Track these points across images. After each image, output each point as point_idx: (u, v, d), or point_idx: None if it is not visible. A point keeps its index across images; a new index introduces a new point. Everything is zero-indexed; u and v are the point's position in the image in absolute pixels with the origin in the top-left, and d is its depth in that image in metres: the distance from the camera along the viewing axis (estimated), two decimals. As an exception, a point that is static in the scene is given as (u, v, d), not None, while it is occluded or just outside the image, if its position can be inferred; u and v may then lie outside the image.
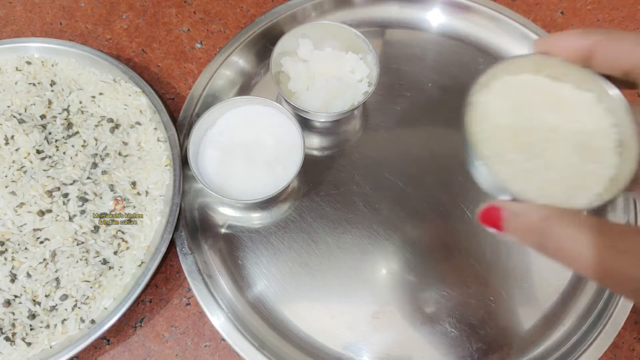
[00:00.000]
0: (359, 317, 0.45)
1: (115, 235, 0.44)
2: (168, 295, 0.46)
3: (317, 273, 0.46)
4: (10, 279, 0.41)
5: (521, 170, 0.29)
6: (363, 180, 0.49)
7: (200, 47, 0.57)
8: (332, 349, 0.44)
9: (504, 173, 0.29)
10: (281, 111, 0.48)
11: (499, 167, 0.29)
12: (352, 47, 0.51)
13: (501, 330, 0.45)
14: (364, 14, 0.57)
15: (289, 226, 0.48)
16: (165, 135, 0.48)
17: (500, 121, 0.30)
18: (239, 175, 0.46)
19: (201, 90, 0.52)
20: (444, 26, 0.57)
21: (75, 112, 0.49)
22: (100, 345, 0.44)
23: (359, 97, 0.49)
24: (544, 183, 0.29)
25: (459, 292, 0.45)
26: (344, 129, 0.52)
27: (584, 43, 0.27)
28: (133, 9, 0.59)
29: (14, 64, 0.50)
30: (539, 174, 0.29)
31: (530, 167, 0.29)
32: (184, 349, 0.44)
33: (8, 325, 0.41)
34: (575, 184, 0.29)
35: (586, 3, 0.60)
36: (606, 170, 0.29)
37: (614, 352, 0.45)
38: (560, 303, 0.46)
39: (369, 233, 0.47)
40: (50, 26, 0.58)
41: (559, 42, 0.28)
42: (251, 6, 0.59)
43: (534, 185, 0.28)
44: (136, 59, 0.56)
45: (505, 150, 0.29)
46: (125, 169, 0.46)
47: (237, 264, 0.47)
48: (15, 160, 0.44)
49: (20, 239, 0.42)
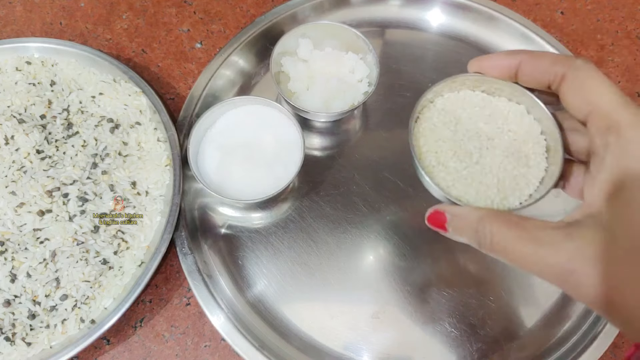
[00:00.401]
0: (359, 317, 0.45)
1: (115, 235, 0.44)
2: (168, 295, 0.46)
3: (317, 273, 0.46)
4: (10, 279, 0.41)
5: (461, 177, 0.33)
6: (363, 180, 0.49)
7: (200, 47, 0.57)
8: (332, 349, 0.44)
9: (446, 180, 0.33)
10: (281, 111, 0.48)
11: (442, 175, 0.33)
12: (352, 47, 0.51)
13: (501, 330, 0.45)
14: (364, 14, 0.57)
15: (289, 226, 0.48)
16: (165, 135, 0.48)
17: (443, 134, 0.34)
18: (239, 175, 0.46)
19: (201, 90, 0.52)
20: (444, 26, 0.57)
21: (75, 112, 0.49)
22: (100, 345, 0.44)
23: (359, 97, 0.49)
24: (481, 187, 0.33)
25: (459, 292, 0.45)
26: (344, 129, 0.52)
27: (510, 62, 0.31)
28: (133, 9, 0.59)
29: (14, 64, 0.50)
30: (477, 179, 0.33)
31: (469, 174, 0.33)
32: (184, 349, 0.44)
33: (8, 325, 0.41)
34: (509, 187, 0.33)
35: (586, 3, 0.60)
36: (537, 172, 0.33)
37: (614, 352, 0.45)
38: (560, 303, 0.46)
39: (369, 233, 0.47)
40: (50, 26, 0.58)
41: (489, 62, 0.32)
42: (251, 6, 0.59)
43: (472, 189, 0.33)
44: (136, 59, 0.56)
45: (447, 160, 0.34)
46: (125, 169, 0.46)
47: (237, 264, 0.47)
48: (15, 160, 0.44)
49: (20, 239, 0.42)
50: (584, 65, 0.28)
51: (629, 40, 0.58)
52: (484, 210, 0.30)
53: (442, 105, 0.35)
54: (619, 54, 0.57)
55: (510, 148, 0.34)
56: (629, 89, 0.55)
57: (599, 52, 0.57)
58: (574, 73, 0.29)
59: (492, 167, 0.33)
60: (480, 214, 0.29)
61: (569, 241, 0.26)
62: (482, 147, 0.34)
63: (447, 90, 0.36)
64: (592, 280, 0.25)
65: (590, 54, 0.57)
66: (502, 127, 0.34)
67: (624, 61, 0.57)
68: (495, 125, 0.34)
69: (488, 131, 0.34)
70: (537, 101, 0.33)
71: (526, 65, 0.31)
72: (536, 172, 0.33)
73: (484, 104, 0.35)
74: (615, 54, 0.57)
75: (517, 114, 0.34)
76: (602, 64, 0.57)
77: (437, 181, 0.33)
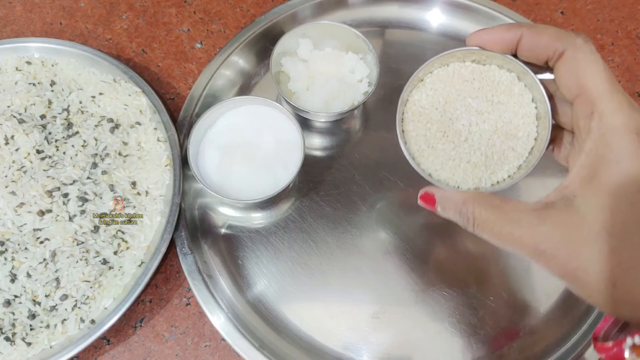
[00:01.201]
0: (359, 317, 0.45)
1: (115, 235, 0.44)
2: (168, 295, 0.46)
3: (317, 273, 0.46)
4: (10, 279, 0.41)
5: (449, 158, 0.34)
6: (363, 180, 0.49)
7: (200, 47, 0.57)
8: (332, 349, 0.44)
9: (434, 164, 0.34)
10: (281, 111, 0.48)
11: (431, 159, 0.34)
12: (352, 47, 0.51)
13: (501, 330, 0.45)
14: (364, 14, 0.57)
15: (289, 226, 0.48)
16: (165, 135, 0.48)
17: (431, 116, 0.35)
18: (239, 175, 0.46)
19: (201, 90, 0.52)
20: (444, 26, 0.57)
21: (75, 112, 0.49)
22: (100, 345, 0.44)
23: (359, 97, 0.49)
24: (468, 167, 0.34)
25: (459, 292, 0.45)
26: (344, 129, 0.52)
27: (511, 36, 0.32)
28: (133, 9, 0.59)
29: (14, 64, 0.50)
30: (464, 159, 0.34)
31: (457, 154, 0.34)
32: (184, 349, 0.44)
33: (8, 325, 0.41)
34: (498, 161, 0.33)
35: (586, 3, 0.60)
36: (525, 143, 0.34)
37: (614, 352, 0.45)
38: (560, 303, 0.46)
39: (369, 233, 0.47)
40: (50, 26, 0.58)
41: (490, 35, 0.33)
42: (251, 6, 0.59)
43: (460, 170, 0.34)
44: (136, 59, 0.56)
45: (436, 142, 0.34)
46: (125, 169, 0.46)
47: (237, 264, 0.47)
48: (15, 160, 0.44)
49: (20, 239, 0.42)
50: (583, 45, 0.30)
51: (629, 40, 0.58)
52: (468, 194, 0.32)
53: (432, 83, 0.36)
54: (619, 54, 0.57)
55: (499, 121, 0.34)
56: (629, 89, 0.55)
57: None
58: (572, 53, 0.29)
59: (480, 144, 0.34)
60: (464, 197, 0.31)
61: (542, 224, 0.28)
62: (471, 123, 0.34)
63: (437, 66, 0.36)
64: (560, 259, 0.28)
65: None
66: (492, 99, 0.35)
67: (624, 61, 0.57)
68: (485, 98, 0.35)
69: (477, 106, 0.35)
70: (527, 69, 0.33)
71: (527, 40, 0.31)
72: (525, 142, 0.34)
73: (474, 77, 0.35)
74: (615, 54, 0.57)
75: (507, 82, 0.34)
76: (602, 64, 0.57)
77: (426, 166, 0.35)
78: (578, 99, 0.29)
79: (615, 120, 0.28)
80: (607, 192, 0.27)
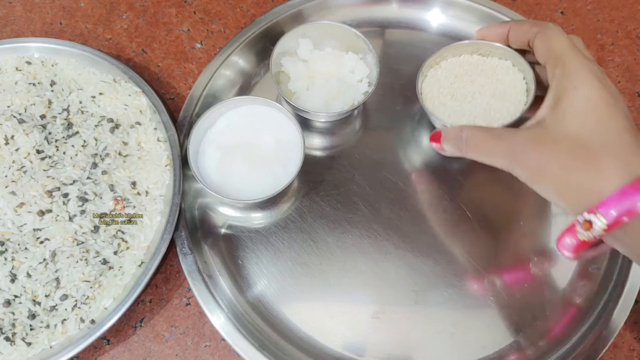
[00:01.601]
0: (359, 317, 0.45)
1: (115, 235, 0.44)
2: (168, 295, 0.46)
3: (317, 273, 0.46)
4: (10, 279, 0.41)
5: (456, 112, 0.45)
6: (363, 180, 0.49)
7: (200, 47, 0.57)
8: (332, 349, 0.44)
9: (444, 115, 0.45)
10: (281, 111, 0.48)
11: (442, 110, 0.45)
12: (352, 47, 0.51)
13: (501, 330, 0.45)
14: (364, 14, 0.57)
15: (289, 226, 0.48)
16: (165, 135, 0.48)
17: (444, 84, 0.46)
18: (239, 175, 0.46)
19: (201, 90, 0.52)
20: (444, 26, 0.57)
21: (75, 112, 0.49)
22: (100, 345, 0.44)
23: (359, 97, 0.49)
24: (471, 117, 0.45)
25: (459, 292, 0.45)
26: (344, 129, 0.52)
27: (503, 29, 0.44)
28: (133, 9, 0.59)
29: (14, 64, 0.50)
30: (467, 112, 0.45)
31: (462, 110, 0.45)
32: (184, 349, 0.44)
33: (8, 325, 0.41)
34: (494, 117, 0.44)
35: (586, 3, 0.60)
36: (517, 106, 0.44)
37: (614, 352, 0.45)
38: (560, 303, 0.46)
39: (369, 233, 0.47)
40: (50, 26, 0.58)
41: (488, 30, 0.46)
42: (251, 6, 0.59)
43: (464, 119, 0.45)
44: (136, 59, 0.56)
45: (446, 100, 0.46)
46: (125, 169, 0.46)
47: (237, 264, 0.47)
48: (15, 160, 0.44)
49: (20, 239, 0.42)
50: (552, 26, 0.40)
51: (629, 40, 0.58)
52: (465, 125, 0.42)
53: (446, 66, 0.47)
54: (619, 54, 0.57)
55: (497, 90, 0.45)
56: (629, 89, 0.56)
57: (598, 52, 0.57)
58: (544, 31, 0.40)
59: (481, 104, 0.45)
60: (462, 127, 0.41)
61: (517, 136, 0.37)
62: (474, 92, 0.46)
63: (450, 55, 0.47)
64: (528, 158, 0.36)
65: (590, 54, 0.57)
66: (492, 77, 0.46)
67: (624, 61, 0.57)
68: (486, 76, 0.46)
69: (480, 81, 0.46)
70: (520, 57, 0.45)
71: (513, 30, 0.44)
72: (516, 106, 0.44)
73: (478, 63, 0.47)
74: (615, 54, 0.57)
75: (504, 67, 0.46)
76: (602, 64, 0.57)
77: (438, 115, 0.45)
78: (549, 60, 0.39)
79: (574, 63, 0.37)
80: (568, 110, 0.36)
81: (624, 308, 0.44)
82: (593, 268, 0.47)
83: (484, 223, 0.48)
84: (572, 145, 0.35)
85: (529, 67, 0.44)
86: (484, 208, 0.48)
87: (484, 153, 0.39)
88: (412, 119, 0.52)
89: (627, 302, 0.44)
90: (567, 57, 0.38)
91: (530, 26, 0.42)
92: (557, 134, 0.36)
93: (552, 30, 0.40)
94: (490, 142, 0.38)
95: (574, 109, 0.36)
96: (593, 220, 0.34)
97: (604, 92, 0.36)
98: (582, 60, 0.37)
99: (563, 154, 0.35)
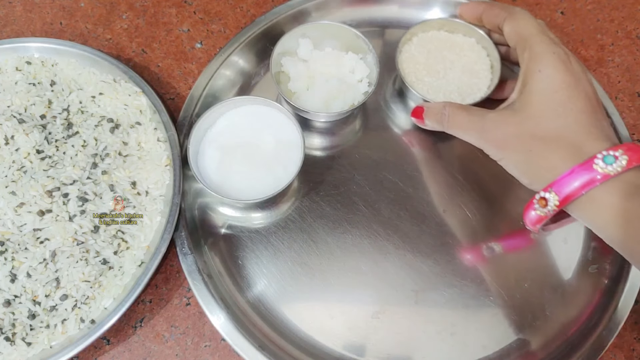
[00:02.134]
0: (359, 317, 0.45)
1: (115, 235, 0.44)
2: (168, 295, 0.46)
3: (317, 273, 0.46)
4: (10, 279, 0.41)
5: (433, 87, 0.49)
6: (363, 180, 0.49)
7: (200, 47, 0.57)
8: (332, 349, 0.44)
9: (423, 90, 0.49)
10: (281, 111, 0.48)
11: (420, 86, 0.49)
12: (352, 47, 0.51)
13: (501, 330, 0.45)
14: (364, 14, 0.57)
15: (289, 226, 0.48)
16: (165, 135, 0.48)
17: (418, 60, 0.50)
18: (239, 175, 0.46)
19: (201, 90, 0.52)
20: (444, 26, 0.57)
21: (75, 112, 0.49)
22: (100, 345, 0.44)
23: (359, 97, 0.49)
24: (446, 93, 0.48)
25: (459, 292, 0.45)
26: (344, 129, 0.52)
27: (477, 10, 0.48)
28: (133, 9, 0.59)
29: (14, 64, 0.50)
30: (443, 88, 0.49)
31: (438, 85, 0.49)
32: (184, 349, 0.44)
33: (8, 325, 0.41)
34: (466, 92, 0.48)
35: (586, 3, 0.60)
36: (485, 82, 0.49)
37: (614, 352, 0.45)
38: (560, 303, 0.46)
39: (369, 233, 0.47)
40: (50, 26, 0.58)
41: (467, 9, 0.49)
42: (251, 6, 0.59)
43: (441, 94, 0.48)
44: (136, 59, 0.56)
45: (422, 76, 0.49)
46: (125, 169, 0.46)
47: (237, 264, 0.47)
48: (15, 160, 0.44)
49: (20, 239, 0.42)
50: (520, 10, 0.43)
51: (629, 40, 0.58)
52: (447, 102, 0.45)
53: (417, 41, 0.51)
54: (619, 54, 0.57)
55: (466, 67, 0.49)
56: (629, 89, 0.56)
57: (599, 52, 0.57)
58: (512, 15, 0.43)
59: (454, 80, 0.49)
60: (444, 103, 0.44)
61: (488, 116, 0.41)
62: (446, 68, 0.50)
63: (419, 32, 0.51)
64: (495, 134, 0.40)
65: (590, 54, 0.57)
66: (459, 53, 0.50)
67: (624, 61, 0.57)
68: (455, 52, 0.50)
69: (450, 57, 0.50)
70: (483, 34, 0.49)
71: (485, 14, 0.47)
72: (484, 82, 0.49)
73: (446, 39, 0.51)
74: (615, 54, 0.57)
75: (469, 44, 0.51)
76: (602, 64, 0.57)
77: (418, 90, 0.48)
78: (518, 44, 0.42)
79: (539, 47, 0.40)
80: (532, 93, 0.39)
81: (624, 308, 0.44)
82: (593, 268, 0.47)
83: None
84: (534, 127, 0.38)
85: (492, 45, 0.48)
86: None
87: (460, 129, 0.43)
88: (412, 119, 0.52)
89: (627, 302, 0.44)
90: (534, 40, 0.40)
91: (499, 10, 0.44)
92: (523, 115, 0.39)
93: (519, 15, 0.42)
94: (465, 119, 0.42)
95: (537, 92, 0.39)
96: (547, 198, 0.37)
97: (566, 75, 0.38)
98: (547, 44, 0.40)
99: (525, 135, 0.38)
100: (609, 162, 0.35)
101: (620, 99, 0.55)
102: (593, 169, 0.35)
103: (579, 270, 0.47)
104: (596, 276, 0.47)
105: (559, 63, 0.39)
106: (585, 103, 0.38)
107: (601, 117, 0.39)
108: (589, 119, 0.37)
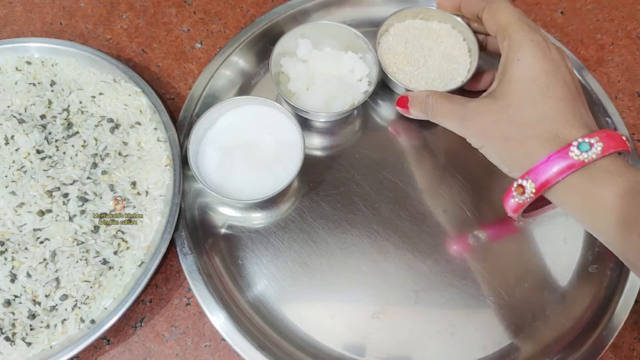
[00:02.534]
0: (359, 317, 0.45)
1: (115, 235, 0.44)
2: (168, 295, 0.46)
3: (317, 273, 0.46)
4: (10, 279, 0.41)
5: (414, 76, 0.49)
6: (363, 180, 0.49)
7: (200, 47, 0.57)
8: (332, 349, 0.44)
9: (405, 80, 0.49)
10: (281, 111, 0.48)
11: (401, 76, 0.50)
12: (351, 46, 0.51)
13: (501, 329, 0.45)
14: (364, 14, 0.57)
15: (289, 226, 0.48)
16: (165, 135, 0.48)
17: (397, 50, 0.50)
18: (239, 175, 0.46)
19: (201, 90, 0.52)
20: (444, 26, 0.57)
21: (75, 112, 0.49)
22: (100, 345, 0.44)
23: (359, 97, 0.49)
24: (429, 80, 0.49)
25: (459, 292, 0.45)
26: (344, 129, 0.52)
27: (456, 1, 0.48)
28: (133, 9, 0.59)
29: (14, 64, 0.50)
30: (425, 76, 0.49)
31: (420, 73, 0.49)
32: (184, 349, 0.44)
33: (8, 325, 0.41)
34: (447, 77, 0.49)
35: (586, 3, 0.60)
36: (464, 67, 0.50)
37: (614, 352, 0.45)
38: (560, 303, 0.46)
39: (368, 233, 0.47)
40: (50, 26, 0.58)
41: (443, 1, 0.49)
42: (251, 6, 0.59)
43: (423, 82, 0.49)
44: (136, 59, 0.56)
45: (403, 66, 0.50)
46: (125, 169, 0.46)
47: (237, 264, 0.47)
48: (15, 160, 0.44)
49: (20, 239, 0.42)
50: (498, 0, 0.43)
51: (629, 40, 0.58)
52: (431, 90, 0.46)
53: (394, 32, 0.52)
54: (619, 53, 0.57)
55: (444, 53, 0.50)
56: (629, 89, 0.55)
57: (598, 52, 0.57)
58: (490, 5, 0.43)
59: (434, 67, 0.50)
60: (428, 92, 0.45)
61: (469, 104, 0.41)
62: (425, 55, 0.50)
63: (395, 22, 0.52)
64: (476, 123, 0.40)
65: (590, 53, 0.57)
66: (437, 40, 0.51)
67: (624, 61, 0.57)
68: (432, 39, 0.51)
69: (428, 44, 0.51)
70: (458, 19, 0.50)
71: (463, 3, 0.47)
72: (463, 66, 0.50)
73: (422, 27, 0.52)
74: (615, 53, 0.57)
75: (445, 30, 0.51)
76: (602, 63, 0.57)
77: (400, 80, 0.49)
78: (498, 33, 0.42)
79: (518, 35, 0.40)
80: (511, 81, 0.39)
81: (624, 308, 0.44)
82: (593, 268, 0.47)
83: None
84: (513, 115, 0.38)
85: (468, 29, 0.49)
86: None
87: (443, 117, 0.43)
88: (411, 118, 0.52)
89: (627, 302, 0.44)
90: (512, 29, 0.40)
91: (477, 0, 0.45)
92: (502, 104, 0.39)
93: (497, 3, 0.42)
94: (448, 107, 0.42)
95: (516, 80, 0.39)
96: (524, 185, 0.37)
97: (545, 62, 0.38)
98: (526, 32, 0.40)
99: (504, 123, 0.38)
100: (584, 149, 0.35)
101: (620, 98, 0.55)
102: (569, 156, 0.35)
103: (579, 270, 0.47)
104: (596, 276, 0.47)
105: (537, 51, 0.39)
106: (564, 90, 0.38)
107: (580, 104, 0.38)
108: (567, 107, 0.37)
